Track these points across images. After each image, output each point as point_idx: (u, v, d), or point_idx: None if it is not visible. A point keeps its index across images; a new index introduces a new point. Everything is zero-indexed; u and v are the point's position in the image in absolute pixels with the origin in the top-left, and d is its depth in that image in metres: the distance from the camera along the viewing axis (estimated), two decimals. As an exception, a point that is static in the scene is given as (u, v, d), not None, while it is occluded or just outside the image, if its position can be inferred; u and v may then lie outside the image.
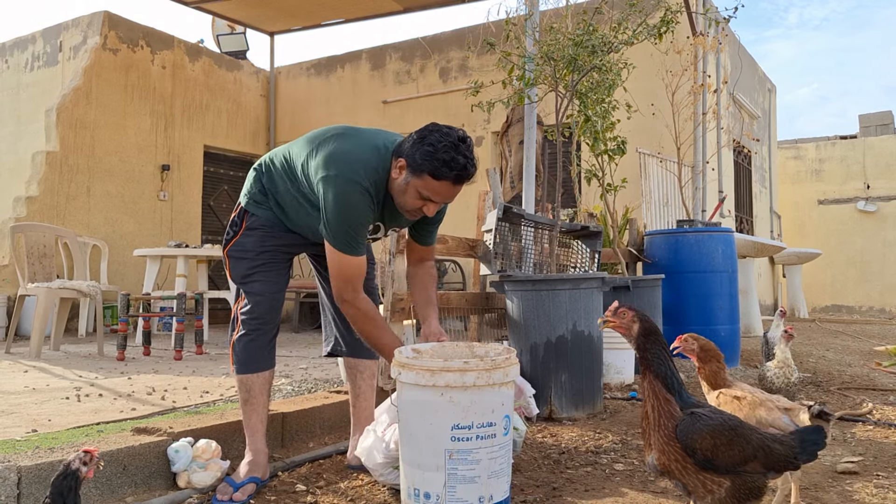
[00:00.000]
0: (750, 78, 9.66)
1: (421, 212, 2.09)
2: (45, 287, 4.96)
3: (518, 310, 3.30)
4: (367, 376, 2.47)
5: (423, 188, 2.01)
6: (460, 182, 2.02)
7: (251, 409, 2.26)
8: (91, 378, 3.80)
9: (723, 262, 5.03)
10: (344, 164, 2.05)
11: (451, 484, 1.76)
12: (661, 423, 1.44)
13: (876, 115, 14.79)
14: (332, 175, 2.04)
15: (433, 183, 1.99)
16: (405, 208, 2.10)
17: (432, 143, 1.97)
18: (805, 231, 13.51)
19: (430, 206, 2.07)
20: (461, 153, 1.98)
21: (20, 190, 7.35)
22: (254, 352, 2.25)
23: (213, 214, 9.17)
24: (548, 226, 4.28)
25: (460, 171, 1.98)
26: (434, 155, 1.96)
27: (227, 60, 9.49)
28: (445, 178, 1.98)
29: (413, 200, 2.05)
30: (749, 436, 1.46)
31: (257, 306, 2.25)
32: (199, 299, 5.28)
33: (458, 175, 1.99)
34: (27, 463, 1.80)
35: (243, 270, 2.28)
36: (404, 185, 2.04)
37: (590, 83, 4.34)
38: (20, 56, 8.60)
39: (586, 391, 3.23)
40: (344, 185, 2.02)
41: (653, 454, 1.46)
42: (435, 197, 2.03)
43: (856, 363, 5.23)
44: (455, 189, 2.04)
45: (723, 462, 1.41)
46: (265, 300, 2.27)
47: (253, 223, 2.27)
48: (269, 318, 2.28)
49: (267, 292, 2.27)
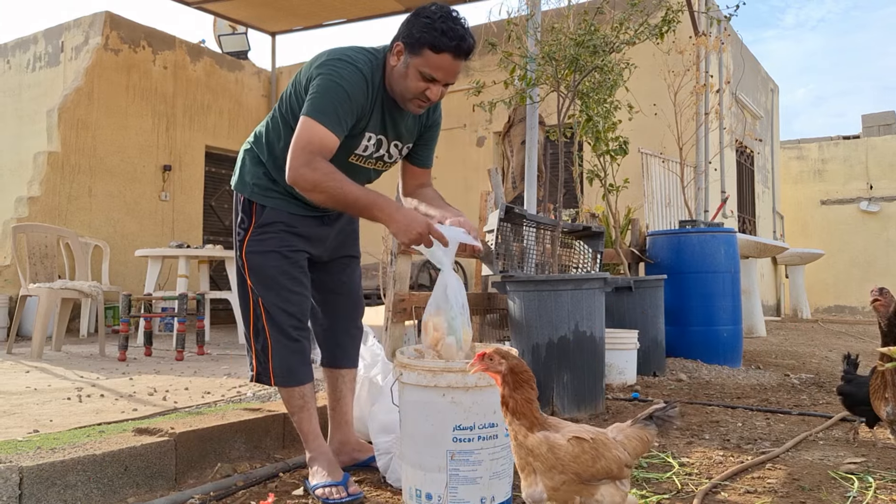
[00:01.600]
0: (752, 78, 9.64)
1: (425, 97, 2.00)
2: (46, 287, 4.96)
3: (520, 310, 3.30)
4: (349, 380, 2.36)
5: (423, 66, 1.95)
6: (460, 54, 1.95)
7: (308, 414, 2.15)
8: (92, 378, 3.80)
9: (725, 262, 5.02)
10: (336, 52, 2.00)
11: (452, 485, 1.76)
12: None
13: (879, 115, 14.78)
14: (322, 61, 1.97)
15: (433, 57, 1.94)
16: (407, 95, 2.00)
17: (427, 15, 1.95)
18: (808, 231, 13.49)
19: (434, 88, 1.99)
20: (458, 23, 1.94)
21: (22, 190, 7.36)
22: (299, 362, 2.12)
23: (215, 215, 9.17)
24: (550, 226, 4.28)
25: (459, 40, 1.93)
26: (431, 26, 1.92)
27: (228, 61, 9.49)
28: (445, 50, 1.93)
29: (415, 83, 1.97)
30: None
31: (296, 306, 2.11)
32: (200, 300, 5.28)
33: (458, 45, 1.93)
34: (29, 463, 1.80)
35: (270, 271, 2.11)
36: (404, 69, 1.97)
37: (591, 83, 4.33)
38: (22, 56, 8.62)
39: (588, 392, 3.23)
40: (337, 62, 1.96)
41: (891, 404, 1.88)
42: (437, 73, 1.96)
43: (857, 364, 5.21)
44: (455, 64, 1.97)
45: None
46: (302, 300, 2.13)
47: (265, 218, 2.11)
48: (303, 323, 2.14)
49: (302, 292, 2.14)
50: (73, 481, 1.86)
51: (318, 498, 2.00)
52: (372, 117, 2.04)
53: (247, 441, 2.41)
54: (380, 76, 2.03)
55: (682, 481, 2.18)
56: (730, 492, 2.10)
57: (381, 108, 2.05)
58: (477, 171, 8.30)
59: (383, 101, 2.05)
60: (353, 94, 1.94)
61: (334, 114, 1.91)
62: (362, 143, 2.07)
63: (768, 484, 2.17)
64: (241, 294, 2.23)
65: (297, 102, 2.02)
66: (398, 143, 2.16)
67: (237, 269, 2.23)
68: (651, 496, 2.03)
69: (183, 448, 2.18)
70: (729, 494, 2.08)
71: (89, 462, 1.91)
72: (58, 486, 1.83)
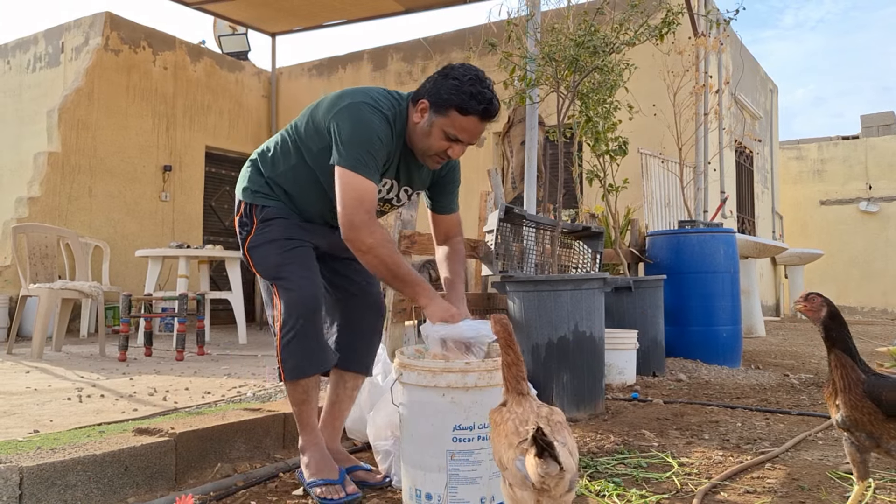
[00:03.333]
0: (751, 78, 9.65)
1: (445, 156, 2.01)
2: (46, 288, 4.96)
3: (520, 310, 3.30)
4: (351, 387, 2.29)
5: (448, 126, 1.95)
6: (487, 117, 1.96)
7: (309, 408, 2.08)
8: (93, 379, 3.81)
9: (725, 262, 5.03)
10: (360, 93, 1.99)
11: (452, 484, 1.76)
12: (850, 386, 1.73)
13: (878, 116, 14.78)
14: (347, 104, 1.95)
15: (460, 119, 1.94)
16: (429, 153, 2.01)
17: (457, 76, 1.95)
18: (807, 231, 13.50)
19: (456, 148, 2.00)
20: (486, 87, 1.94)
21: (22, 190, 7.37)
22: (307, 350, 2.00)
23: (215, 215, 9.18)
24: (549, 226, 4.28)
25: (487, 104, 1.93)
26: (460, 88, 1.92)
27: (228, 61, 9.50)
28: (473, 113, 1.93)
29: (438, 142, 1.97)
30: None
31: (300, 291, 1.99)
32: (200, 300, 5.28)
33: (486, 109, 1.94)
34: (29, 463, 1.80)
35: (274, 258, 2.05)
36: (428, 128, 1.97)
37: (591, 84, 4.34)
38: (22, 57, 8.62)
39: (588, 392, 3.23)
40: (360, 106, 1.94)
41: (841, 412, 1.75)
42: (461, 135, 1.96)
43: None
44: (481, 126, 1.98)
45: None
46: (307, 283, 2.01)
47: (267, 215, 2.10)
48: (316, 305, 2.01)
49: (307, 275, 2.03)
50: (73, 481, 1.87)
51: (315, 498, 1.99)
52: (392, 163, 2.05)
53: (247, 441, 2.42)
54: (401, 125, 2.03)
55: (681, 481, 2.19)
56: (729, 492, 2.11)
57: (399, 156, 2.06)
58: (477, 171, 8.27)
59: (402, 148, 2.06)
60: (383, 140, 1.95)
61: (374, 164, 1.93)
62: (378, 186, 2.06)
63: (768, 484, 2.18)
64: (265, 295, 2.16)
65: (317, 138, 2.02)
66: (408, 189, 2.18)
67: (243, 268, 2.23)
68: (650, 496, 2.03)
69: (183, 448, 2.18)
70: (728, 494, 2.08)
71: (89, 462, 1.92)
72: (58, 487, 1.83)
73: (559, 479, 1.19)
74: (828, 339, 1.78)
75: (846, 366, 1.75)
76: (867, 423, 1.71)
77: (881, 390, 1.70)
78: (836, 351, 1.76)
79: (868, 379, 1.72)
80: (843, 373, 1.75)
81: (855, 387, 1.72)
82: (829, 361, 1.78)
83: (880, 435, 1.71)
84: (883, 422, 1.70)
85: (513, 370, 1.49)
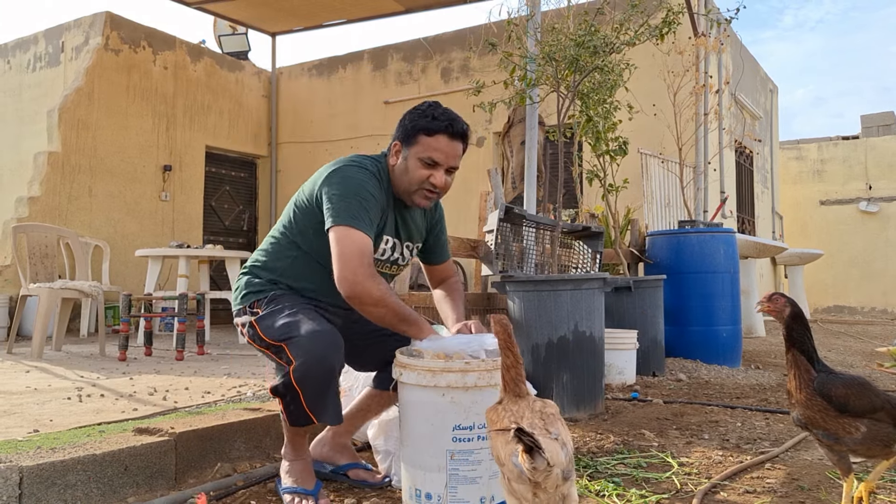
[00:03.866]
0: (751, 78, 9.65)
1: (430, 185, 2.01)
2: (46, 287, 4.96)
3: (520, 310, 3.30)
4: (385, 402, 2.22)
5: (422, 152, 2.00)
6: (455, 134, 2.01)
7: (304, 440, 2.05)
8: (93, 378, 3.81)
9: (724, 262, 5.03)
10: (343, 160, 2.04)
11: (452, 484, 1.76)
12: (802, 384, 1.76)
13: (878, 116, 14.78)
14: (333, 170, 1.99)
15: (429, 141, 1.99)
16: (412, 188, 2.02)
17: (417, 108, 2.05)
18: (807, 231, 13.49)
19: (437, 174, 2.01)
20: (448, 110, 2.03)
21: (22, 190, 7.36)
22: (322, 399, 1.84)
23: (215, 215, 9.18)
24: (549, 226, 4.28)
25: (451, 121, 2.00)
26: (422, 115, 2.01)
27: (228, 61, 9.50)
28: (439, 131, 1.99)
29: (418, 172, 2.00)
30: (876, 391, 1.76)
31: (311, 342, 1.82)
32: (200, 300, 5.28)
33: (450, 125, 2.00)
34: (29, 463, 1.80)
35: (283, 318, 1.92)
36: (405, 163, 2.02)
37: (591, 84, 4.34)
38: (22, 56, 8.62)
39: (588, 392, 3.23)
40: (346, 169, 1.99)
41: (796, 410, 1.78)
42: (436, 155, 1.99)
43: (858, 364, 5.22)
44: (453, 146, 2.02)
45: (854, 407, 1.71)
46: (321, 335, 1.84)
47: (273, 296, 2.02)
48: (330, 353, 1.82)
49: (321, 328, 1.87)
50: (72, 481, 1.87)
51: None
52: (387, 219, 2.07)
53: (247, 441, 2.42)
54: (387, 179, 2.07)
55: (681, 481, 2.19)
56: (729, 492, 2.11)
57: (392, 210, 2.08)
58: (476, 171, 8.29)
59: (393, 203, 2.08)
60: (374, 193, 1.98)
61: (367, 217, 1.92)
62: (381, 246, 2.07)
63: (767, 484, 2.18)
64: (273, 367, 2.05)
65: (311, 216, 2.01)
66: (409, 244, 2.19)
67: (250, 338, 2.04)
68: (650, 496, 2.03)
69: (183, 448, 2.18)
70: (728, 494, 2.08)
71: (89, 462, 1.92)
72: (58, 486, 1.83)
73: (548, 474, 1.24)
74: (788, 338, 1.81)
75: (800, 366, 1.78)
76: (820, 420, 1.73)
77: (831, 387, 1.73)
78: (794, 351, 1.80)
79: (819, 376, 1.75)
80: (796, 372, 1.78)
81: (807, 385, 1.75)
82: (786, 361, 1.82)
83: (836, 431, 1.73)
84: (836, 418, 1.71)
85: (511, 373, 1.49)
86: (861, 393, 1.73)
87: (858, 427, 1.71)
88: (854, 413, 1.71)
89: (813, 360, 1.78)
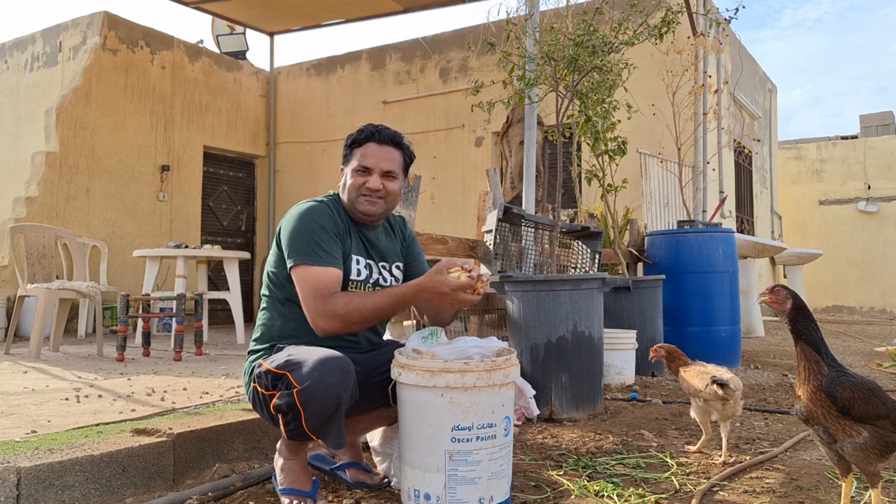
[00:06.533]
0: (750, 78, 9.65)
1: (368, 190, 2.09)
2: (44, 288, 4.96)
3: (518, 310, 3.30)
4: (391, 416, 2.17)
5: (355, 164, 2.12)
6: (382, 139, 2.13)
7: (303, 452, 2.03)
8: (90, 379, 3.80)
9: (723, 262, 5.03)
10: (294, 207, 2.14)
11: (451, 485, 1.75)
12: (810, 378, 1.75)
13: (877, 116, 14.79)
14: (288, 214, 2.12)
15: (359, 151, 2.12)
16: (353, 195, 2.11)
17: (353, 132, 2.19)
18: (806, 231, 13.50)
19: (371, 178, 2.10)
20: (379, 125, 2.17)
21: (20, 190, 7.35)
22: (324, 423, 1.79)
23: (213, 215, 9.16)
24: (548, 226, 4.28)
25: (376, 130, 2.13)
26: (354, 133, 2.16)
27: (226, 61, 9.49)
28: (366, 140, 2.13)
29: (355, 180, 2.10)
30: (884, 398, 1.72)
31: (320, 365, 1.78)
32: (198, 300, 5.27)
33: (375, 132, 2.13)
34: (26, 464, 1.80)
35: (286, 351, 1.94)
36: (346, 179, 2.14)
37: (590, 83, 4.34)
38: (20, 56, 8.60)
39: (587, 392, 3.23)
40: (297, 207, 2.11)
41: (801, 403, 1.77)
42: (367, 161, 2.10)
43: (857, 364, 5.22)
44: (382, 150, 2.12)
45: (858, 413, 1.69)
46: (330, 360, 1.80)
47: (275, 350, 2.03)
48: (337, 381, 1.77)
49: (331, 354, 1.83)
50: (70, 482, 1.86)
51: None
52: (351, 240, 2.13)
53: (245, 441, 2.41)
54: (339, 206, 2.16)
55: (680, 481, 2.19)
56: (728, 492, 2.10)
57: (353, 233, 2.15)
58: (475, 171, 8.30)
59: (350, 226, 2.15)
60: (322, 222, 2.05)
61: (319, 247, 1.99)
62: (353, 266, 2.11)
63: (766, 484, 2.17)
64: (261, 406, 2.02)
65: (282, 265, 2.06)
66: (386, 265, 2.22)
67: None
68: (649, 496, 2.03)
69: (181, 448, 2.17)
70: (727, 494, 2.08)
71: (87, 462, 1.91)
72: (56, 487, 1.83)
73: (734, 392, 2.39)
74: (794, 331, 1.81)
75: (810, 358, 1.77)
76: (821, 416, 1.72)
77: (838, 387, 1.71)
78: (802, 343, 1.79)
79: (829, 374, 1.74)
80: (805, 364, 1.78)
81: (814, 379, 1.74)
82: (796, 353, 1.81)
83: (835, 431, 1.71)
84: (837, 418, 1.70)
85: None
86: (867, 398, 1.70)
87: (860, 431, 1.68)
88: (857, 417, 1.69)
89: (821, 353, 1.77)
